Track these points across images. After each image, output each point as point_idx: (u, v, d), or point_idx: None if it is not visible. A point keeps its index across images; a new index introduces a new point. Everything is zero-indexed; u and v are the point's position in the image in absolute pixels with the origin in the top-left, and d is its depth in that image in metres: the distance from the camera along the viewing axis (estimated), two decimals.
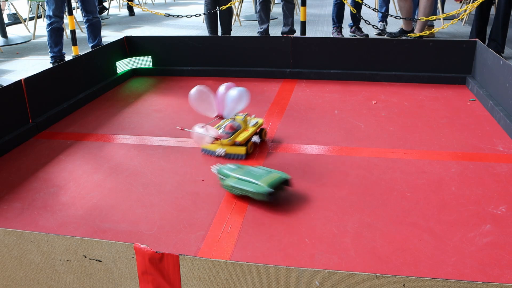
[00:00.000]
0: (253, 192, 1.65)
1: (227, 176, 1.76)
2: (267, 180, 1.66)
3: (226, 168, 1.79)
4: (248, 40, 3.23)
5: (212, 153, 2.10)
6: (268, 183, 1.65)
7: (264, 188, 1.63)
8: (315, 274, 1.07)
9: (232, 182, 1.72)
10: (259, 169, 1.76)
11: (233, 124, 2.09)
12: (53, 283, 1.25)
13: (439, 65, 3.04)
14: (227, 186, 1.73)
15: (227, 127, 2.07)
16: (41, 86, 2.46)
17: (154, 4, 9.24)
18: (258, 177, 1.69)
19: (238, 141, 2.03)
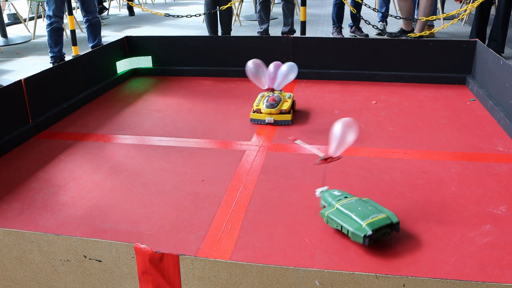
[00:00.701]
0: (351, 232, 1.43)
1: (329, 204, 1.56)
2: (371, 221, 1.43)
3: (330, 195, 1.58)
4: (248, 40, 3.23)
5: (261, 121, 2.40)
6: (370, 223, 1.42)
7: (363, 229, 1.41)
8: (315, 274, 1.07)
9: (331, 213, 1.51)
10: (367, 203, 1.52)
11: (275, 97, 2.40)
12: (53, 283, 1.25)
13: (439, 65, 3.04)
14: (324, 216, 1.54)
15: (270, 100, 2.39)
16: (41, 86, 2.46)
17: (154, 4, 9.24)
18: (363, 215, 1.45)
19: (284, 109, 2.38)
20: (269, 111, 2.38)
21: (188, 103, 2.79)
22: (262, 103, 2.42)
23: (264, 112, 2.38)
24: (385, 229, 1.44)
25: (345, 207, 1.50)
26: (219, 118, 2.54)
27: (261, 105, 2.41)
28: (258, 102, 2.45)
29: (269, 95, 2.42)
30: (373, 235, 1.40)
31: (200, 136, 2.32)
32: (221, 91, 2.99)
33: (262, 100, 2.45)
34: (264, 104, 2.40)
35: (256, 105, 2.43)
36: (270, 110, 2.37)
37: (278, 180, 1.88)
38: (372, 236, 1.39)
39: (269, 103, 2.39)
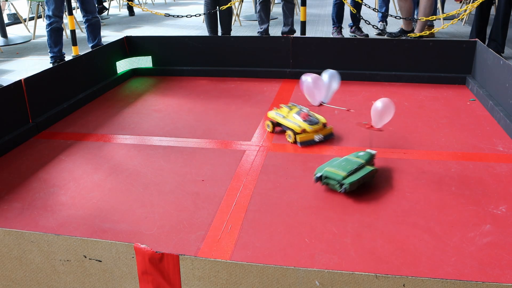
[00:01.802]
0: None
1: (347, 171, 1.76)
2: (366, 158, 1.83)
3: (329, 166, 1.80)
4: (248, 40, 3.23)
5: (312, 142, 2.20)
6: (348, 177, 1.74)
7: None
8: (315, 274, 1.07)
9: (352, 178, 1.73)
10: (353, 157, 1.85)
11: (306, 112, 2.23)
12: (53, 283, 1.25)
13: (439, 65, 3.04)
14: (348, 183, 1.71)
15: (305, 117, 2.20)
16: (41, 86, 2.46)
17: (154, 4, 9.24)
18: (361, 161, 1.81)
19: (324, 123, 2.25)
20: (315, 129, 2.19)
21: (188, 103, 2.79)
22: (302, 123, 2.18)
23: (311, 131, 2.18)
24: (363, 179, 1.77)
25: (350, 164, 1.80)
26: (219, 118, 2.54)
27: (304, 125, 2.17)
28: (292, 122, 2.20)
29: (299, 112, 2.23)
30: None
31: (200, 136, 2.32)
32: (221, 91, 2.99)
33: (291, 118, 2.22)
34: (306, 122, 2.18)
35: (298, 126, 2.17)
36: (315, 127, 2.19)
37: (278, 180, 1.88)
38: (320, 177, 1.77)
39: (309, 120, 2.20)
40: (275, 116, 2.30)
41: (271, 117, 2.33)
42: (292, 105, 2.30)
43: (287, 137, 2.22)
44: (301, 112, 2.23)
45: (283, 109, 2.29)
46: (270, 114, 2.34)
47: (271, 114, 2.33)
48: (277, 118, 2.28)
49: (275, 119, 2.30)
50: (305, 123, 2.19)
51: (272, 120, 2.33)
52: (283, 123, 2.25)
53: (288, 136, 2.22)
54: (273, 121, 2.32)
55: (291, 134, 2.20)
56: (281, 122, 2.26)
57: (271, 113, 2.33)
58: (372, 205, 1.69)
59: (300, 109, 2.26)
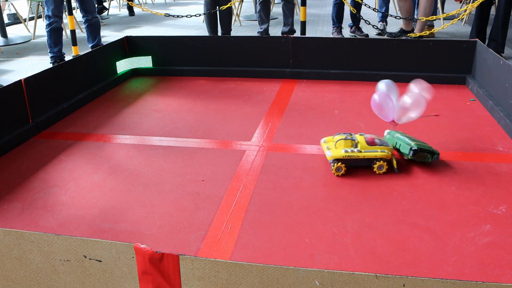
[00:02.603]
0: (437, 155, 1.93)
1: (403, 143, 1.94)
2: (419, 143, 1.91)
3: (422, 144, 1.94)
4: (248, 40, 3.23)
5: (396, 170, 1.93)
6: (417, 144, 1.90)
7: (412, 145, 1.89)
8: (315, 274, 1.07)
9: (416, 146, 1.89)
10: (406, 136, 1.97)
11: (371, 136, 1.96)
12: (53, 283, 1.25)
13: (439, 65, 3.04)
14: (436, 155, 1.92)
15: (372, 141, 1.94)
16: (41, 86, 2.46)
17: (154, 4, 9.24)
18: (411, 139, 1.93)
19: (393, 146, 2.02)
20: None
21: (188, 103, 2.79)
22: (387, 147, 1.92)
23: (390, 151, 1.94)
24: (427, 154, 1.91)
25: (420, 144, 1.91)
26: (219, 118, 2.54)
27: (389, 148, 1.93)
28: (374, 151, 1.90)
29: (365, 137, 1.94)
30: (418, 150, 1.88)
31: (200, 136, 2.32)
32: (221, 91, 2.99)
33: (369, 148, 1.91)
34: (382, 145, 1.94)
35: (386, 151, 1.91)
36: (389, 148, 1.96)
37: (278, 180, 1.88)
38: (416, 150, 1.88)
39: (379, 142, 1.94)
40: (347, 153, 1.88)
41: (340, 156, 1.88)
42: (338, 136, 1.96)
43: (378, 169, 1.91)
44: (368, 137, 1.94)
45: (337, 142, 1.92)
46: (338, 153, 1.89)
47: (338, 153, 1.89)
48: (351, 154, 1.89)
49: (348, 156, 1.89)
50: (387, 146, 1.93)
51: (343, 159, 1.89)
52: (362, 156, 1.89)
53: (379, 167, 1.91)
54: (345, 159, 1.90)
55: (383, 164, 1.90)
56: (359, 155, 1.89)
57: (338, 152, 1.89)
58: (372, 205, 1.69)
59: (350, 135, 1.94)
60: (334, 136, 1.98)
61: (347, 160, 1.89)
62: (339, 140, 1.91)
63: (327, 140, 2.01)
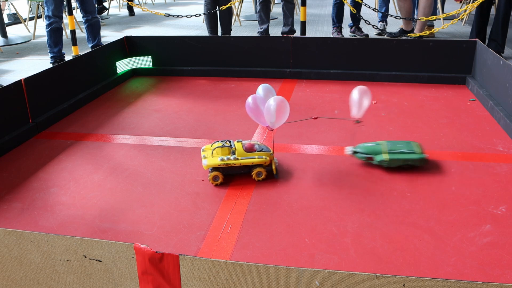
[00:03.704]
0: (418, 160, 1.91)
1: (376, 153, 1.93)
2: (418, 149, 1.93)
3: (369, 147, 1.95)
4: (248, 40, 3.23)
5: (276, 176, 1.89)
6: (421, 151, 1.92)
7: (423, 155, 1.91)
8: (315, 274, 1.07)
9: (391, 156, 1.90)
10: (396, 142, 1.96)
11: (252, 143, 1.91)
12: (53, 283, 1.25)
13: (439, 65, 3.04)
14: (384, 161, 1.91)
15: (251, 147, 1.87)
16: (41, 86, 2.46)
17: (154, 4, 9.24)
18: (411, 147, 1.93)
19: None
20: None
21: (188, 103, 2.79)
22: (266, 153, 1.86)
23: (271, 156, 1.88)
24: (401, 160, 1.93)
25: (393, 149, 1.92)
26: (219, 118, 2.54)
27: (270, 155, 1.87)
28: (252, 158, 1.84)
29: (242, 144, 1.88)
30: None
31: (200, 136, 2.32)
32: (221, 91, 2.99)
33: (246, 154, 1.84)
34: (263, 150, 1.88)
35: (265, 157, 1.85)
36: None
37: (278, 180, 1.88)
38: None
39: (259, 148, 1.88)
40: (222, 161, 1.81)
41: (216, 164, 1.81)
42: (217, 144, 1.88)
43: (257, 176, 1.86)
44: (243, 144, 1.87)
45: (214, 150, 1.85)
46: (213, 161, 1.81)
47: (214, 161, 1.81)
48: (227, 162, 1.81)
49: (224, 164, 1.81)
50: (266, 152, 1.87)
51: (219, 167, 1.82)
52: (238, 163, 1.83)
53: (258, 174, 1.86)
54: (221, 167, 1.82)
55: (262, 171, 1.85)
56: (236, 163, 1.83)
57: (214, 160, 1.82)
58: (372, 205, 1.69)
59: (228, 142, 1.88)
60: (213, 144, 1.89)
61: (223, 168, 1.83)
62: (216, 148, 1.85)
63: (205, 148, 1.92)
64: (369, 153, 1.95)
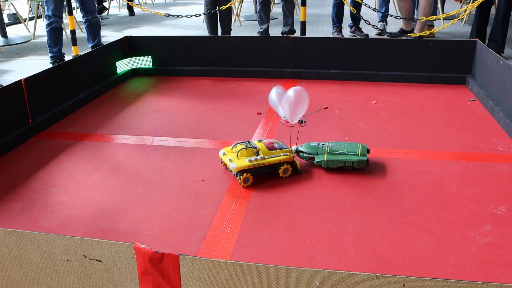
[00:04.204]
0: (356, 162, 1.88)
1: (317, 153, 1.92)
2: (362, 151, 1.90)
3: (312, 147, 1.94)
4: (248, 40, 3.23)
5: (299, 171, 1.92)
6: (362, 153, 1.90)
7: (364, 157, 1.88)
8: (315, 274, 1.07)
9: (329, 157, 1.89)
10: (341, 143, 1.95)
11: (271, 141, 1.94)
12: (53, 283, 1.25)
13: (439, 65, 3.04)
14: (322, 162, 1.89)
15: (272, 146, 1.90)
16: (41, 86, 2.46)
17: (154, 4, 9.24)
18: (353, 149, 1.90)
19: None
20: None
21: (188, 103, 2.79)
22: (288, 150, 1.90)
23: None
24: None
25: (334, 150, 1.90)
26: (219, 118, 2.54)
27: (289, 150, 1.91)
28: (277, 156, 1.86)
29: (264, 143, 1.90)
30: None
31: (200, 136, 2.32)
32: (221, 91, 2.99)
33: (271, 153, 1.86)
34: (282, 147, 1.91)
35: (288, 154, 1.88)
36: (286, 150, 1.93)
37: (278, 180, 1.88)
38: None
39: (278, 146, 1.91)
40: (251, 162, 1.81)
41: (246, 166, 1.80)
42: (239, 144, 1.90)
43: (284, 173, 1.88)
44: (264, 142, 1.90)
45: (238, 152, 1.85)
46: (242, 163, 1.80)
47: (243, 163, 1.80)
48: (256, 163, 1.81)
49: (253, 165, 1.81)
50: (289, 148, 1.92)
51: (249, 169, 1.81)
52: (267, 162, 1.83)
53: (285, 171, 1.88)
54: (251, 168, 1.82)
55: (288, 167, 1.88)
56: (264, 162, 1.83)
57: (242, 162, 1.81)
58: (372, 205, 1.69)
59: (249, 143, 1.89)
60: (235, 146, 1.89)
61: (252, 169, 1.82)
62: (240, 150, 1.83)
63: (226, 152, 1.90)
64: (311, 153, 1.92)
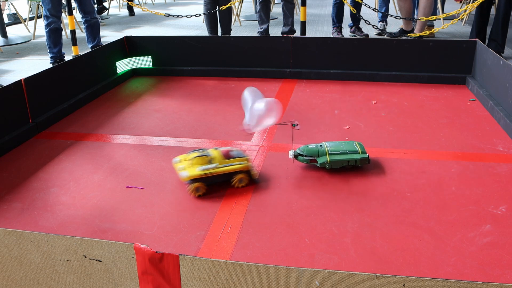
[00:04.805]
0: (359, 160, 1.89)
1: (318, 155, 1.91)
2: (361, 149, 1.92)
3: (311, 149, 1.92)
4: (248, 40, 3.23)
5: (256, 180, 1.87)
6: (362, 151, 1.91)
7: (366, 155, 1.90)
8: (315, 274, 1.07)
9: (332, 158, 1.89)
10: (339, 143, 1.95)
11: (227, 149, 1.85)
12: (53, 283, 1.25)
13: (439, 65, 3.04)
14: (326, 163, 1.89)
15: (228, 154, 1.83)
16: (41, 86, 2.46)
17: (154, 4, 9.24)
18: (352, 148, 1.92)
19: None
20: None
21: (188, 103, 2.79)
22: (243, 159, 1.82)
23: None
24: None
25: (334, 150, 1.90)
26: (219, 118, 2.54)
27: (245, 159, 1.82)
28: (231, 165, 1.79)
29: (220, 151, 1.82)
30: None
31: (200, 136, 2.32)
32: (221, 91, 2.99)
33: (227, 161, 1.79)
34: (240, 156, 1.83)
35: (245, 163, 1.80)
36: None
37: (278, 180, 1.88)
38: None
39: (236, 154, 1.83)
40: (204, 170, 1.73)
41: (198, 175, 1.73)
42: (193, 153, 1.82)
43: (239, 183, 1.81)
44: (221, 150, 1.82)
45: (192, 160, 1.77)
46: (194, 172, 1.73)
47: (194, 172, 1.73)
48: (208, 171, 1.74)
49: (205, 173, 1.74)
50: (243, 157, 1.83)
51: (200, 177, 1.74)
52: (220, 171, 1.76)
53: (240, 181, 1.81)
54: (203, 177, 1.74)
55: (243, 177, 1.80)
56: (217, 171, 1.75)
57: (194, 171, 1.73)
58: (372, 205, 1.69)
59: (204, 150, 1.81)
60: (189, 154, 1.82)
61: (204, 178, 1.74)
62: (194, 158, 1.76)
63: (181, 159, 1.84)
64: (312, 156, 1.91)
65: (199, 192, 1.75)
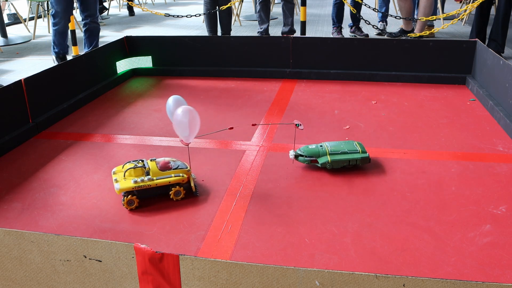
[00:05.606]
0: (360, 160, 1.90)
1: (319, 156, 1.92)
2: (361, 148, 1.93)
3: (311, 150, 1.93)
4: (248, 40, 3.23)
5: (196, 193, 1.79)
6: (362, 150, 1.93)
7: (366, 154, 1.91)
8: (315, 274, 1.07)
9: (333, 158, 1.90)
10: (339, 143, 1.96)
11: (166, 160, 1.77)
12: (53, 283, 1.25)
13: (439, 65, 3.04)
14: (327, 163, 1.90)
15: (165, 165, 1.75)
16: (41, 86, 2.46)
17: (154, 4, 9.24)
18: (352, 147, 1.93)
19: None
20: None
21: (188, 103, 2.79)
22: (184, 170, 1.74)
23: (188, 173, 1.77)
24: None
25: (335, 150, 1.91)
26: (219, 118, 2.54)
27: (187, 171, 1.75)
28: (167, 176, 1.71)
29: (156, 162, 1.74)
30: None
31: (200, 136, 2.32)
32: (221, 91, 2.99)
33: (162, 174, 1.70)
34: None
35: (182, 175, 1.73)
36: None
37: (278, 180, 1.88)
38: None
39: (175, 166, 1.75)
40: (136, 183, 1.66)
41: (130, 187, 1.66)
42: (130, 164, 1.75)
43: (175, 196, 1.73)
44: (157, 162, 1.74)
45: (126, 172, 1.70)
46: (126, 184, 1.66)
47: (127, 184, 1.66)
48: (141, 184, 1.66)
49: (138, 186, 1.66)
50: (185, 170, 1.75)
51: (133, 190, 1.67)
52: (154, 184, 1.68)
53: (176, 194, 1.73)
54: (136, 190, 1.67)
55: (180, 190, 1.72)
56: (151, 184, 1.68)
57: (127, 183, 1.66)
58: (372, 205, 1.69)
59: (141, 161, 1.75)
60: (124, 165, 1.76)
61: (138, 191, 1.68)
62: (128, 170, 1.69)
63: (116, 170, 1.77)
64: (313, 156, 1.92)
65: (132, 205, 1.68)
